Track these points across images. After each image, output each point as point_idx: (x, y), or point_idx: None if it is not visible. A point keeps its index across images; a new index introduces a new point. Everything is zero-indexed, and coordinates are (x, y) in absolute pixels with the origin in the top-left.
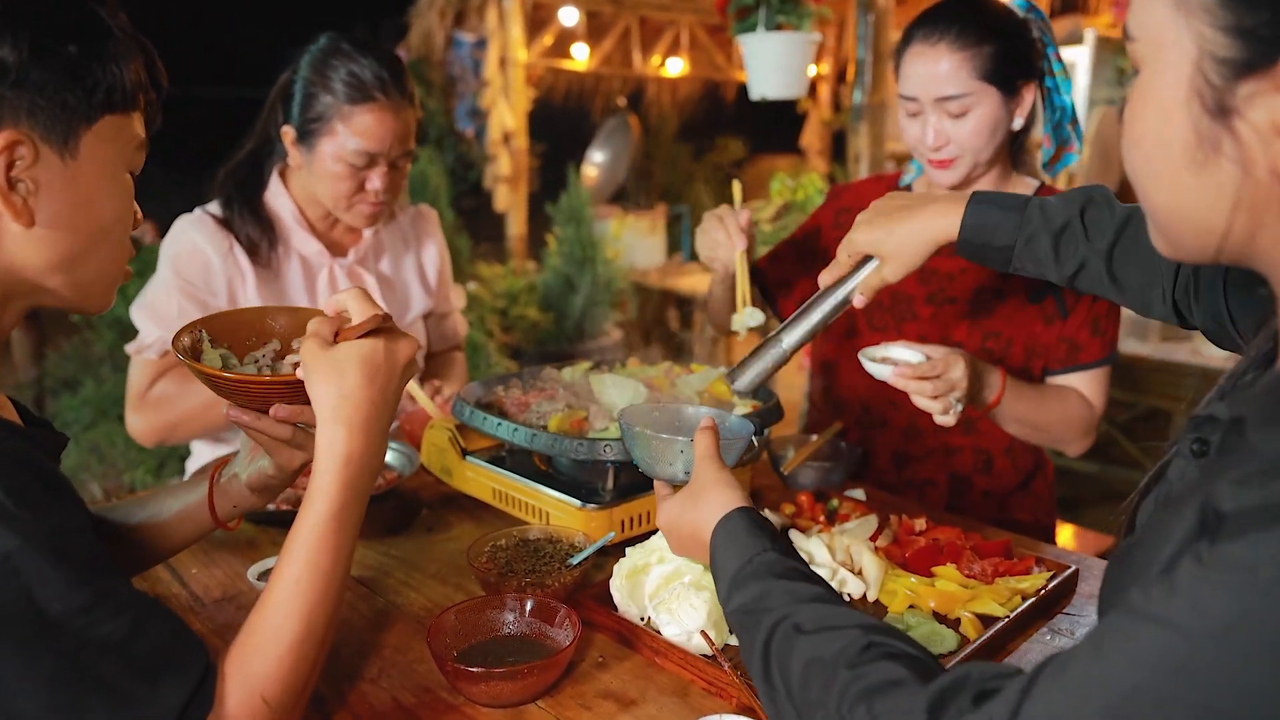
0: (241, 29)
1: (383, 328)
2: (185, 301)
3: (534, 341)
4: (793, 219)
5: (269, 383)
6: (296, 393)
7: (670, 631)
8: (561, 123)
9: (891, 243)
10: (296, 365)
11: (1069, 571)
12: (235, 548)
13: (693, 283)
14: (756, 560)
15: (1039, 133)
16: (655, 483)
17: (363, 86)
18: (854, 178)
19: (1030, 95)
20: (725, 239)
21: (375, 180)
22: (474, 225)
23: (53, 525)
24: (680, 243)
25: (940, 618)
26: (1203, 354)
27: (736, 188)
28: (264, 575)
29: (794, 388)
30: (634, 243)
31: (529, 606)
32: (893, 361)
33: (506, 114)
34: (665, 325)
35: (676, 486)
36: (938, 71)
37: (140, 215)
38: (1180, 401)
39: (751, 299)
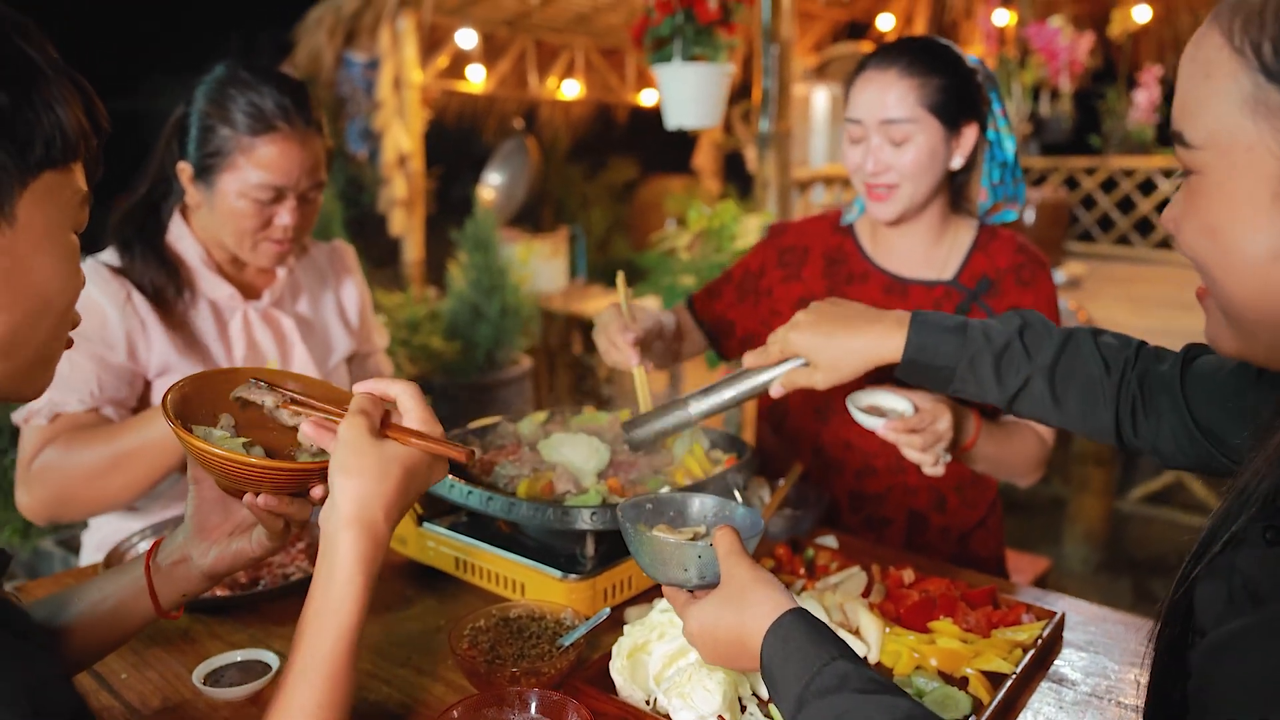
0: (105, 39)
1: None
2: (79, 357)
3: (439, 371)
4: (710, 246)
5: (308, 470)
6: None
7: (683, 718)
8: (455, 144)
9: (829, 353)
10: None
11: (1057, 619)
12: (168, 643)
13: (598, 306)
14: (826, 671)
15: (979, 180)
16: (666, 589)
17: (264, 116)
18: (762, 203)
19: (971, 136)
20: (620, 359)
21: (284, 215)
22: (367, 251)
23: (28, 681)
24: (577, 265)
25: (946, 677)
26: None
27: (620, 280)
28: (211, 677)
29: (734, 426)
30: (537, 267)
31: (533, 703)
32: (880, 411)
33: (402, 136)
34: (570, 350)
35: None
36: (886, 96)
37: (84, 278)
38: None
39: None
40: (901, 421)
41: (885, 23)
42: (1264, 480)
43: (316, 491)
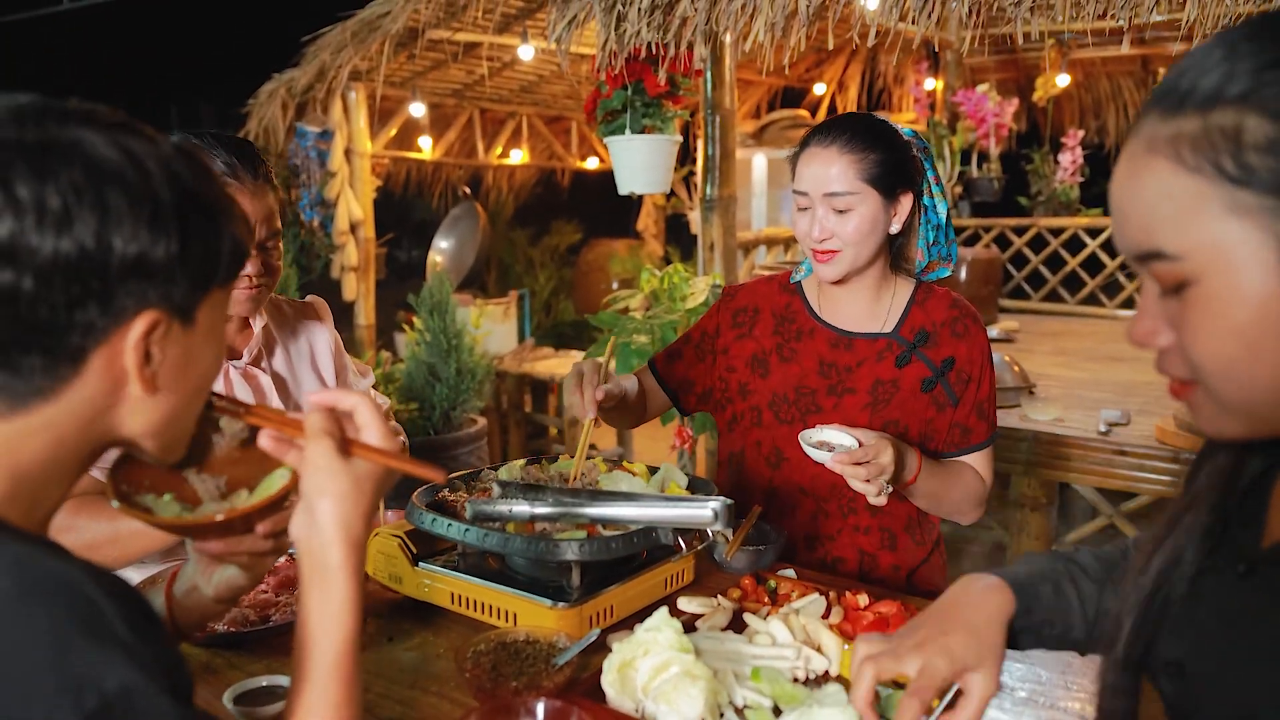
0: None
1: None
2: None
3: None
4: (661, 306)
5: (253, 511)
6: (277, 504)
7: None
8: (403, 211)
9: (982, 648)
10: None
11: None
12: (194, 675)
13: (549, 366)
14: None
15: (916, 242)
16: None
17: (220, 181)
18: (709, 265)
19: (907, 203)
20: (578, 407)
21: (247, 265)
22: None
23: (166, 660)
24: (524, 327)
25: (898, 685)
26: (1030, 419)
27: (610, 344)
28: (240, 699)
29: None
30: (490, 329)
31: (540, 711)
32: (829, 446)
33: (353, 204)
34: (522, 409)
35: None
36: (828, 171)
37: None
38: (1015, 464)
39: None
40: (848, 455)
41: (819, 89)
42: (1196, 515)
43: (261, 528)
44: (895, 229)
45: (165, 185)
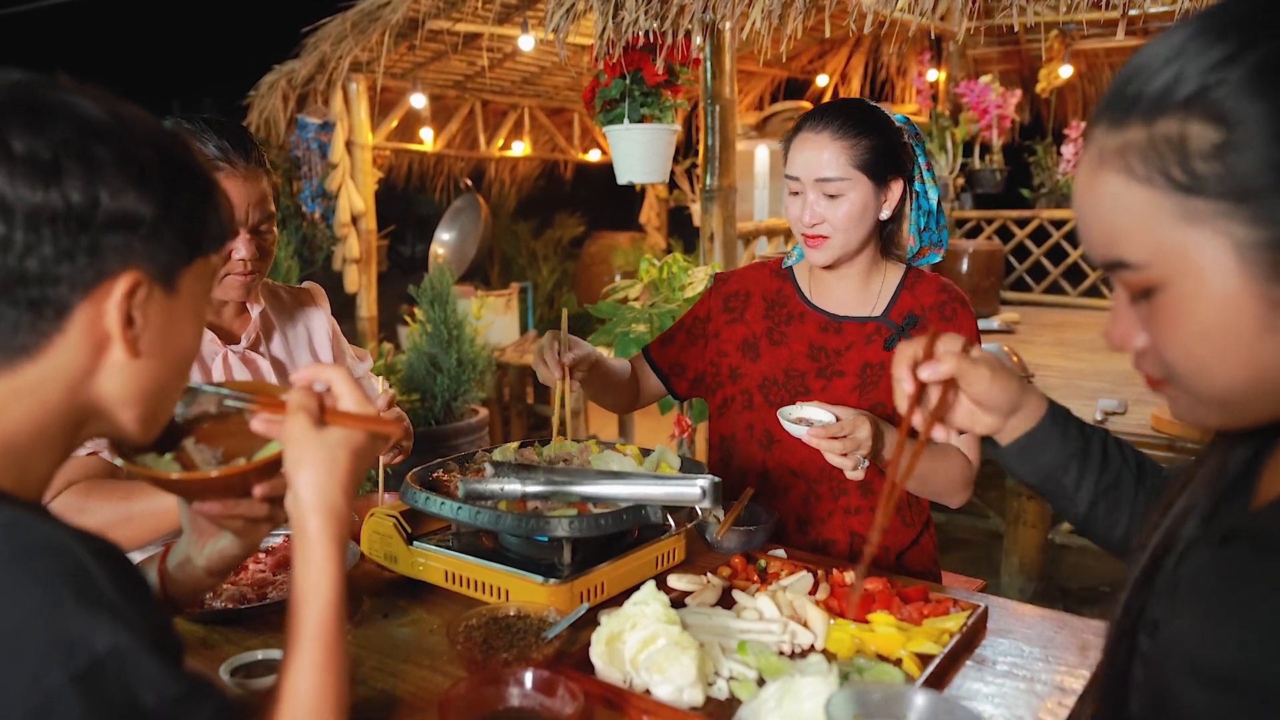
0: None
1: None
2: None
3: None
4: (660, 296)
5: (249, 470)
6: (272, 469)
7: (663, 691)
8: (404, 203)
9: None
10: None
11: (980, 610)
12: (191, 650)
13: None
14: None
15: (907, 228)
16: None
17: (207, 160)
18: (708, 255)
19: (898, 190)
20: (547, 373)
21: (240, 249)
22: None
23: (154, 622)
24: (527, 319)
25: (883, 659)
26: None
27: (564, 315)
28: (236, 672)
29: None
30: (491, 320)
31: (528, 681)
32: (808, 422)
33: (354, 196)
34: (524, 400)
35: None
36: (820, 156)
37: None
38: None
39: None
40: (823, 429)
41: (822, 81)
42: (1190, 498)
43: (258, 490)
44: (885, 215)
45: (151, 148)
